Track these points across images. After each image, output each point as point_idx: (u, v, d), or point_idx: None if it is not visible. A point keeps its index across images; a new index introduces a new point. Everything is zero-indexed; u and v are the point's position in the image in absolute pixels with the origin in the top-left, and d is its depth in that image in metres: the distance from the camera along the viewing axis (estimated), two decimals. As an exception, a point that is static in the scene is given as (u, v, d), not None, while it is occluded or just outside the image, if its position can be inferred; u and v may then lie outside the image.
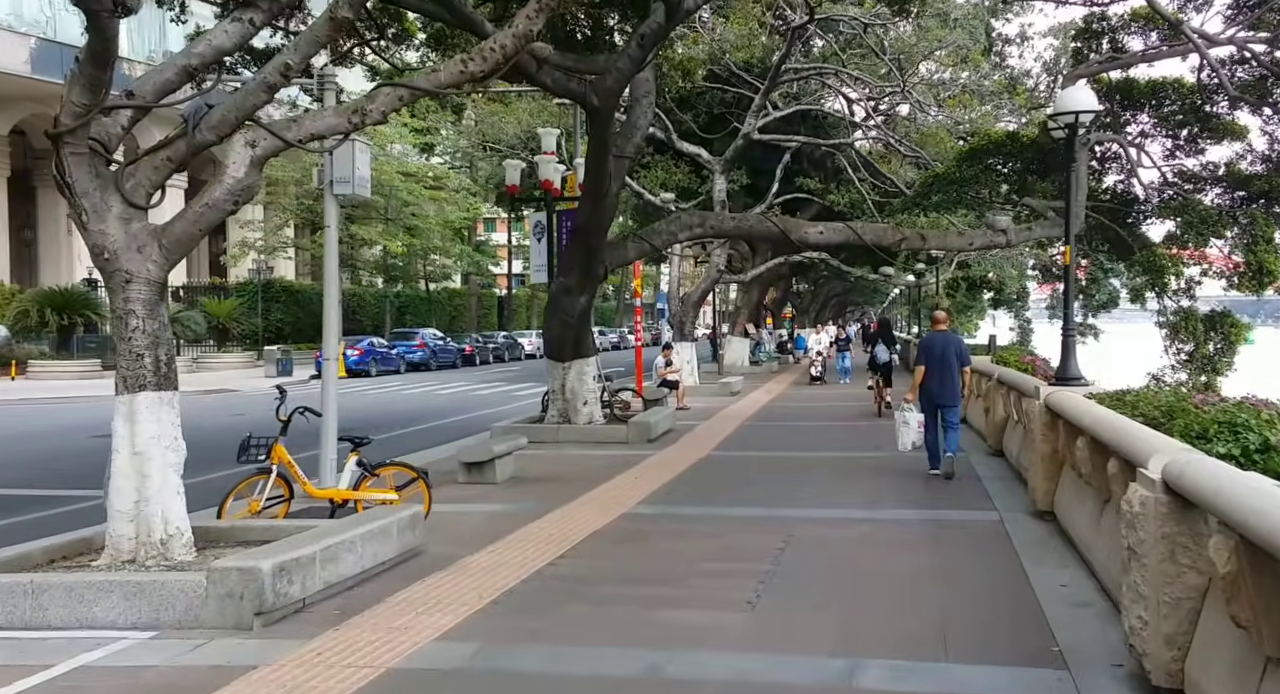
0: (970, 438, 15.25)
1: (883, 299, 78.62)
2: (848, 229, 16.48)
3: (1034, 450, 9.17)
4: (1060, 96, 9.08)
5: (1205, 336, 18.99)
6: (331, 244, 10.44)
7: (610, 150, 14.39)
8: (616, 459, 13.27)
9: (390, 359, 38.93)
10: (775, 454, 13.97)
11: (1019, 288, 37.17)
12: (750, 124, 24.80)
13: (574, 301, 15.17)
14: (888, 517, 9.27)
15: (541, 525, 8.86)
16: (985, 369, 15.40)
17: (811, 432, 17.03)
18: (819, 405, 22.08)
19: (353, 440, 8.35)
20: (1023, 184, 21.57)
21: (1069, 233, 9.86)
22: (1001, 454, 12.97)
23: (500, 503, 10.13)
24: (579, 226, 15.06)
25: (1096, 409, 7.10)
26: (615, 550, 7.96)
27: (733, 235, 17.72)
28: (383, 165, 40.85)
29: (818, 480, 11.52)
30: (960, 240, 17.19)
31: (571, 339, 15.46)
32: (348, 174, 10.17)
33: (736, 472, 12.30)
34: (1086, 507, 7.36)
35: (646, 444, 14.98)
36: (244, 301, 42.47)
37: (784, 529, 8.66)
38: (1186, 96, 19.36)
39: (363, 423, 19.90)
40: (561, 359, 15.64)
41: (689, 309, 26.12)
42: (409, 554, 7.38)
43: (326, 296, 10.56)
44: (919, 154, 25.14)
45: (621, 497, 10.35)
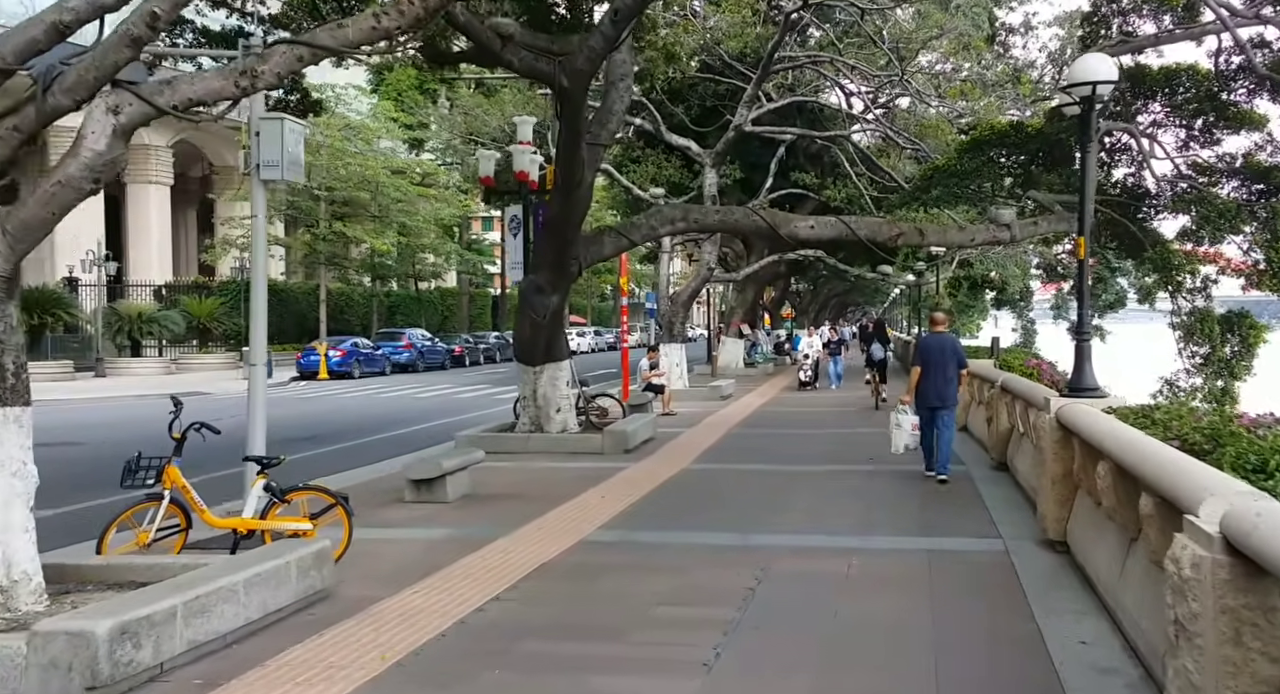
0: (972, 449, 14.16)
1: (883, 299, 77.46)
2: (840, 223, 15.38)
3: (1044, 471, 8.06)
4: (1075, 66, 8.01)
5: (1222, 338, 17.87)
6: (259, 236, 9.35)
7: (583, 136, 13.31)
8: (587, 473, 12.18)
9: (375, 360, 37.85)
10: (759, 467, 12.86)
11: (1022, 287, 35.92)
12: (742, 115, 23.69)
13: (545, 300, 14.08)
14: (878, 546, 8.17)
15: (483, 556, 7.77)
16: (988, 374, 14.29)
17: (801, 441, 15.93)
18: (810, 411, 20.98)
19: (260, 461, 7.24)
20: (1027, 177, 20.47)
21: (1083, 223, 8.76)
22: (1006, 468, 11.88)
23: (445, 526, 9.03)
24: (550, 219, 13.98)
25: (1122, 429, 5.99)
26: (559, 590, 6.86)
27: (716, 229, 16.64)
28: (368, 161, 39.76)
29: (803, 499, 10.42)
30: (961, 236, 16.10)
31: (543, 341, 14.37)
32: (276, 156, 9.07)
33: (714, 488, 11.20)
34: (1108, 542, 6.26)
35: (623, 455, 13.89)
36: (226, 301, 41.35)
37: (758, 562, 7.57)
38: (1202, 83, 18.25)
39: (328, 429, 18.84)
40: (532, 363, 14.55)
41: (678, 309, 25.00)
42: (313, 598, 6.28)
43: (253, 294, 9.47)
44: (918, 146, 24.02)
45: (582, 519, 9.26)
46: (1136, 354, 28.52)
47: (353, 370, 35.98)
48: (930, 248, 25.90)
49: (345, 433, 18.35)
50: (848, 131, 26.23)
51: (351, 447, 16.30)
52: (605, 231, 14.73)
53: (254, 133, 9.11)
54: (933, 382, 11.27)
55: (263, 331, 9.37)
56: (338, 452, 15.65)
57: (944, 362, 11.25)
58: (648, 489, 10.98)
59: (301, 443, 16.75)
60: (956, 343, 12.05)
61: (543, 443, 14.32)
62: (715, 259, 25.24)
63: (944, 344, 11.53)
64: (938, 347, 11.43)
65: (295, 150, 9.26)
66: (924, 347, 11.74)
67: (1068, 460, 7.66)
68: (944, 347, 11.44)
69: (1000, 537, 8.34)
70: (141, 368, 35.85)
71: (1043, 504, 8.07)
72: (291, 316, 44.62)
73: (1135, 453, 5.32)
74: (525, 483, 11.55)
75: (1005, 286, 34.75)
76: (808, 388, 26.20)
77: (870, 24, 24.62)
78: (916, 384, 11.39)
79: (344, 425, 19.76)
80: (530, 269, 14.48)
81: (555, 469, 12.66)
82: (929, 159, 22.10)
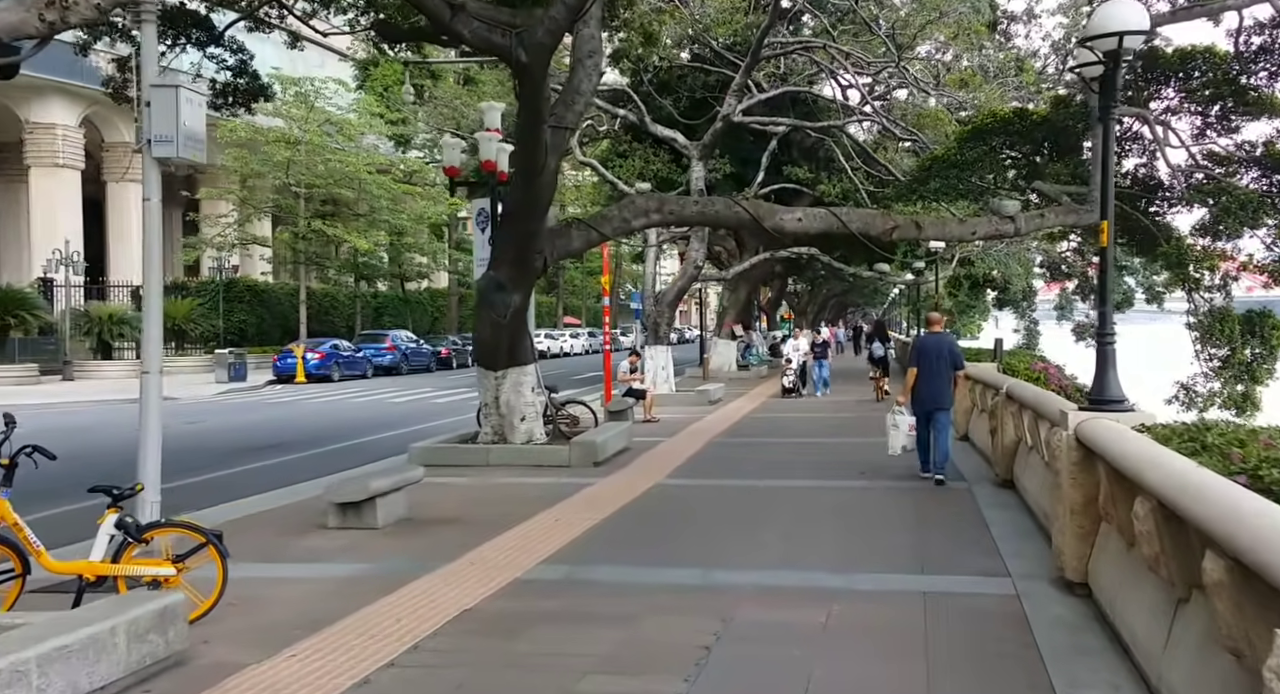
0: (974, 462, 12.91)
1: (882, 299, 76.30)
2: (830, 215, 14.14)
3: (1060, 497, 6.82)
4: (1097, 13, 6.76)
5: (1242, 339, 16.64)
6: (153, 225, 8.08)
7: (544, 119, 12.06)
8: (547, 490, 10.96)
9: (356, 363, 36.58)
10: (739, 483, 11.61)
11: (1025, 287, 34.52)
12: (731, 105, 22.44)
13: (505, 299, 12.83)
14: (864, 586, 6.93)
15: (395, 602, 6.53)
16: (991, 379, 13.05)
17: (788, 451, 14.69)
18: (800, 417, 19.73)
19: (109, 492, 5.98)
20: (1032, 168, 19.23)
21: (1106, 204, 7.50)
22: (1012, 485, 10.64)
23: (365, 560, 7.78)
24: (509, 210, 12.75)
25: (1168, 459, 4.75)
26: (472, 651, 5.62)
27: (696, 222, 15.38)
28: (348, 157, 38.54)
29: (782, 522, 9.17)
30: (961, 229, 14.84)
31: (505, 343, 13.13)
32: (170, 130, 7.82)
33: (683, 509, 9.95)
34: (1147, 597, 5.03)
35: (591, 468, 12.66)
36: (205, 302, 40.10)
37: (721, 608, 6.34)
38: (1219, 66, 17.02)
39: (287, 437, 17.60)
40: (494, 367, 13.31)
41: (664, 309, 23.73)
42: (154, 669, 5.04)
43: (146, 291, 8.22)
44: (916, 137, 22.77)
45: (526, 550, 8.02)
46: (1146, 357, 27.29)
47: (332, 373, 34.72)
48: (928, 243, 24.64)
49: (304, 441, 17.12)
50: (842, 122, 24.97)
51: (304, 458, 15.06)
52: (573, 224, 13.48)
53: (144, 103, 7.85)
54: (929, 382, 11.18)
55: (157, 334, 8.12)
56: (286, 463, 14.42)
57: (940, 362, 11.16)
58: (609, 511, 9.73)
59: (250, 453, 15.54)
60: (953, 343, 11.89)
61: (505, 455, 13.08)
62: (703, 256, 23.96)
63: (940, 344, 11.38)
64: (934, 347, 11.30)
65: (195, 124, 8.01)
66: (920, 347, 11.59)
67: (1090, 487, 6.42)
68: (940, 347, 11.31)
69: (1009, 574, 7.09)
70: (112, 371, 34.60)
71: (1059, 537, 6.82)
72: (274, 318, 43.40)
73: (1192, 493, 4.07)
74: (474, 503, 10.31)
75: (1007, 286, 33.36)
76: (792, 395, 24.12)
77: (866, 9, 23.41)
78: (913, 385, 11.31)
79: (306, 433, 18.52)
80: (490, 265, 13.23)
81: (513, 486, 11.42)
82: (928, 151, 20.85)
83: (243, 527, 9.01)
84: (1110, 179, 7.44)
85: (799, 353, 25.07)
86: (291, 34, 16.78)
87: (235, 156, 37.17)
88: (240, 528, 8.89)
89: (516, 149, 12.46)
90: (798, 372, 24.40)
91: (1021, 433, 10.21)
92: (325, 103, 39.20)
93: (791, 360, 24.63)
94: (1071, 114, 17.96)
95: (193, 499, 10.85)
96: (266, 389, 31.99)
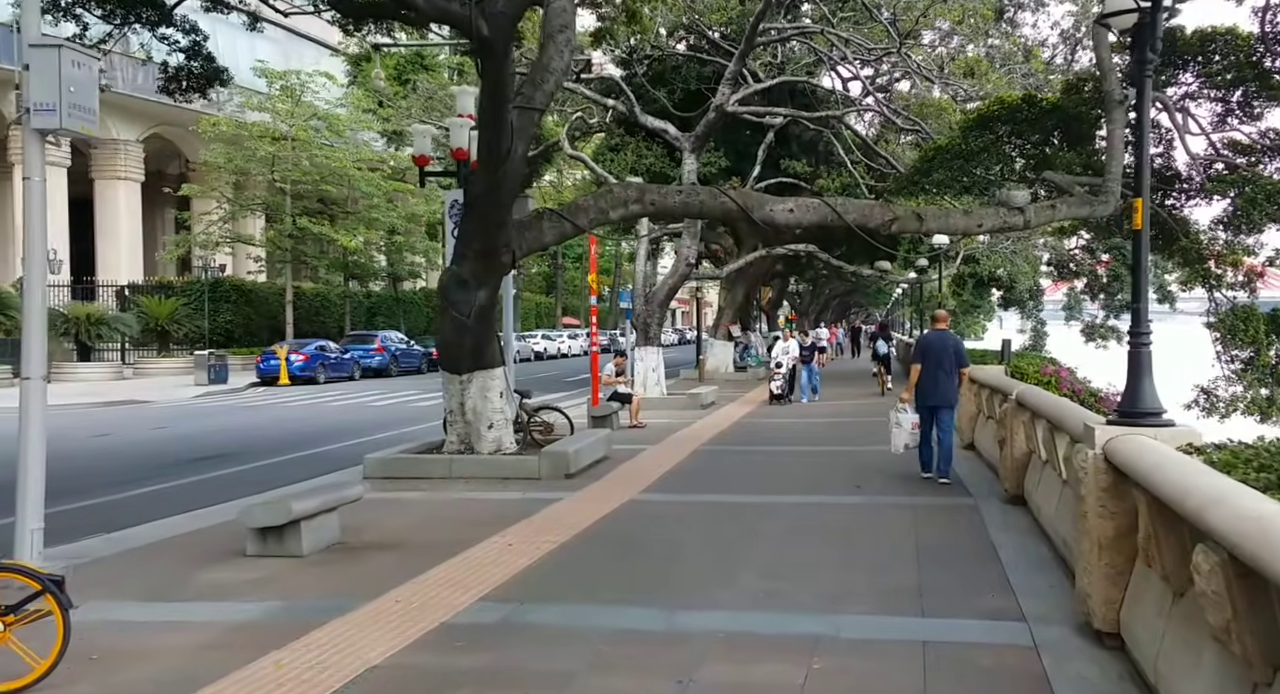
0: (980, 474, 11.82)
1: (885, 300, 75.25)
2: (824, 206, 13.05)
3: (1085, 529, 5.73)
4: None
5: (1267, 340, 15.52)
6: (35, 207, 7.00)
7: (509, 98, 11.01)
8: (509, 507, 9.90)
9: (342, 365, 35.50)
10: (720, 500, 10.52)
11: (1031, 285, 33.22)
12: (724, 94, 21.37)
13: (468, 296, 11.77)
14: (853, 633, 5.85)
15: (288, 656, 5.45)
16: (999, 383, 11.96)
17: (778, 461, 13.60)
18: (795, 423, 18.64)
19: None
20: (1041, 158, 18.14)
21: (1141, 180, 6.41)
22: (1022, 501, 9.56)
23: (275, 597, 6.71)
24: (472, 200, 11.67)
25: (1240, 496, 3.65)
26: (363, 726, 4.55)
27: (680, 213, 14.28)
28: (335, 153, 37.51)
29: (764, 548, 8.09)
30: (966, 221, 13.74)
31: (469, 345, 12.05)
32: (51, 97, 6.77)
33: (655, 532, 8.87)
34: (1205, 670, 3.94)
35: (562, 481, 11.60)
36: (190, 302, 39.05)
37: (681, 661, 5.28)
38: (1242, 48, 15.94)
39: (248, 445, 16.53)
40: (458, 371, 12.24)
41: (654, 309, 22.63)
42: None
43: (28, 286, 7.14)
44: (919, 127, 21.68)
45: (463, 584, 6.95)
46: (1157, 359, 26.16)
47: (317, 375, 33.66)
48: (931, 238, 23.50)
49: (266, 449, 16.06)
50: (842, 112, 23.87)
51: (260, 467, 14.01)
52: (544, 214, 12.40)
53: (22, 66, 6.79)
54: (933, 378, 11.12)
55: (39, 333, 7.02)
56: (238, 475, 13.36)
57: (944, 359, 11.11)
58: (572, 532, 8.66)
59: (204, 462, 14.48)
60: (958, 341, 11.87)
61: (470, 466, 12.01)
62: (694, 254, 22.85)
63: (945, 341, 11.33)
64: (938, 344, 11.27)
65: (83, 91, 6.95)
66: (924, 344, 11.58)
67: (1123, 519, 5.34)
68: (945, 344, 11.27)
69: (1024, 618, 6.01)
70: (90, 373, 33.58)
71: (1085, 577, 5.73)
72: (262, 318, 42.30)
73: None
74: (422, 523, 9.24)
75: (1013, 285, 32.14)
76: (780, 402, 22.16)
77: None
78: (916, 381, 11.21)
79: (271, 439, 17.47)
80: (454, 259, 12.16)
81: (471, 502, 10.35)
82: (931, 141, 19.76)
83: (149, 555, 7.96)
84: (1146, 148, 6.36)
85: (788, 356, 23.08)
86: (251, 15, 15.73)
87: (219, 152, 36.13)
88: (145, 556, 7.85)
89: (480, 133, 11.39)
90: (787, 377, 22.55)
91: (1034, 445, 9.12)
92: (314, 97, 38.19)
93: (781, 364, 22.61)
94: (1084, 100, 16.86)
95: (114, 517, 9.82)
96: (248, 391, 30.95)
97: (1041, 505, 8.48)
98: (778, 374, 22.38)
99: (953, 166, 18.06)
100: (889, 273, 30.54)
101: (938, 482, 11.01)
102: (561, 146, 25.97)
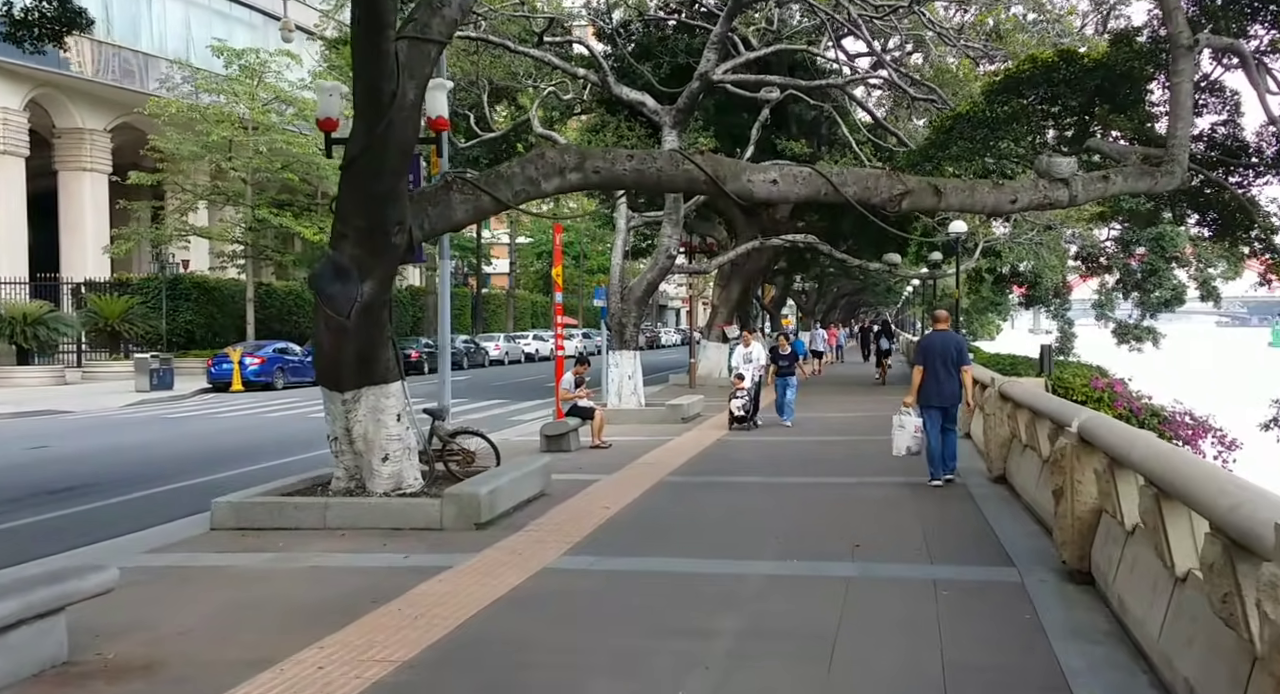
0: (1020, 523, 8.92)
1: (896, 299, 72.36)
2: (817, 176, 10.21)
3: None
4: None
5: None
6: None
7: (388, 23, 8.21)
8: (372, 582, 7.13)
9: (304, 369, 32.58)
10: (669, 568, 7.70)
11: (1058, 281, 29.83)
12: (709, 61, 18.52)
13: (348, 289, 8.96)
14: None
15: None
16: (1044, 406, 9.10)
17: (756, 504, 10.71)
18: (781, 443, 15.78)
19: None
20: (1080, 127, 15.30)
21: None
22: (1090, 580, 6.72)
23: None
24: (349, 162, 8.86)
25: None
26: None
27: (631, 184, 11.39)
28: (296, 139, 34.75)
29: (714, 666, 5.26)
30: (997, 196, 10.87)
31: (351, 353, 9.25)
32: None
33: (554, 639, 6.02)
34: None
35: (469, 533, 8.83)
36: (146, 300, 36.30)
37: None
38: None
39: (132, 470, 13.67)
40: (339, 387, 9.43)
41: (631, 307, 19.79)
42: None
43: None
44: (933, 96, 18.80)
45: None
46: (1203, 360, 23.28)
47: (275, 380, 30.90)
48: (949, 219, 20.57)
49: (142, 478, 13.28)
50: (845, 80, 20.98)
51: (114, 505, 11.24)
52: (453, 184, 9.55)
53: None
54: (936, 379, 11.02)
55: None
56: (74, 517, 10.61)
57: (947, 360, 11.05)
58: (426, 641, 5.82)
59: (35, 501, 11.61)
60: (960, 340, 11.96)
61: (351, 513, 9.20)
62: (676, 243, 19.98)
63: (947, 342, 11.26)
64: (940, 344, 11.17)
65: None
66: (926, 345, 11.45)
67: None
68: (947, 345, 11.19)
69: None
70: (28, 378, 30.86)
71: None
72: (228, 318, 39.48)
73: None
74: (217, 621, 6.39)
75: (1038, 280, 29.01)
76: (740, 427, 17.03)
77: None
78: (920, 385, 11.07)
79: (160, 464, 14.69)
80: (331, 239, 9.34)
81: (326, 573, 7.54)
82: (948, 110, 16.91)
83: None
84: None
85: (752, 365, 17.86)
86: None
87: (172, 138, 33.42)
88: None
89: (355, 71, 8.59)
90: (752, 392, 17.37)
91: (1114, 508, 6.25)
92: (277, 80, 35.47)
93: (744, 376, 17.43)
94: (1137, 53, 14.02)
95: None
96: (194, 398, 28.20)
97: (1134, 605, 5.62)
98: (740, 388, 17.24)
99: (974, 138, 15.24)
100: (898, 267, 27.61)
101: (944, 481, 10.93)
102: (532, 127, 23.16)
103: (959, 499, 10.40)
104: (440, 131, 12.32)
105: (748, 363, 17.91)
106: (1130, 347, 28.06)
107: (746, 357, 18.10)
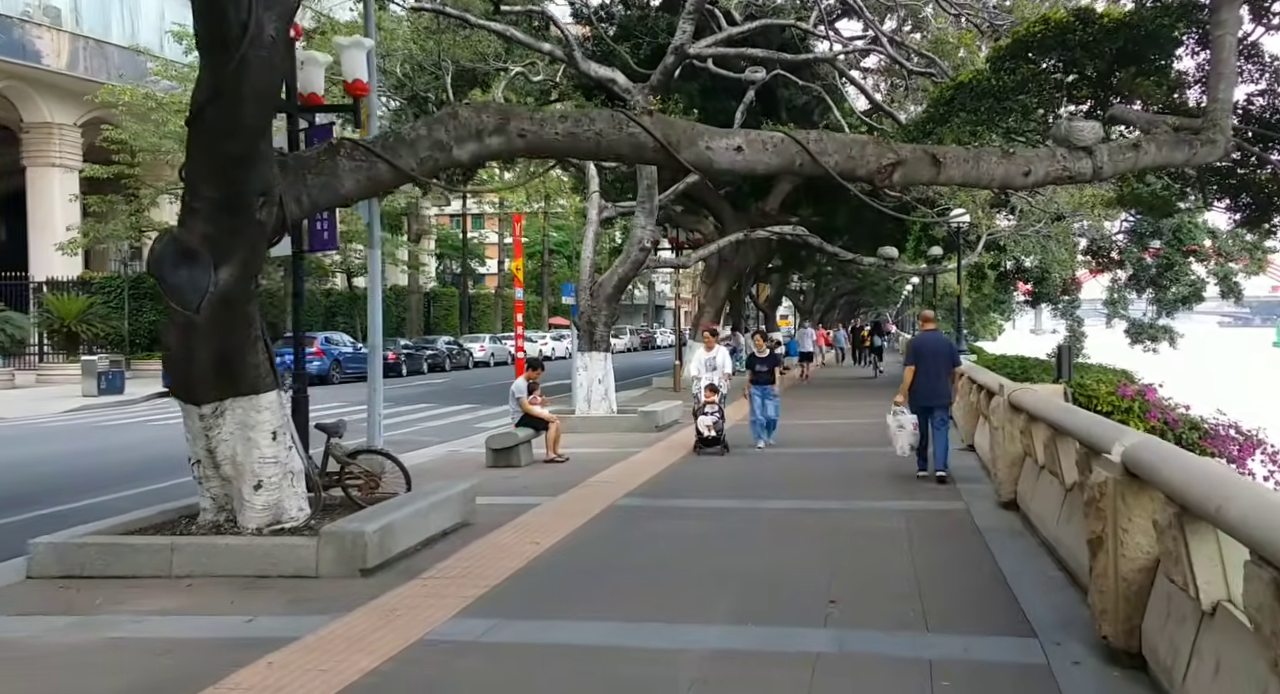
0: (1041, 570, 7.05)
1: (895, 298, 70.59)
2: (790, 142, 8.41)
3: None
4: None
5: None
6: None
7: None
8: (174, 665, 5.40)
9: (269, 371, 30.89)
10: (586, 637, 5.89)
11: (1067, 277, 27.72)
12: (684, 32, 16.75)
13: (197, 276, 7.16)
14: None
15: None
16: (1062, 420, 7.28)
17: (720, 537, 8.90)
18: (759, 461, 13.93)
19: None
20: (1098, 96, 13.52)
21: None
22: (1143, 665, 4.92)
23: None
24: (195, 113, 7.04)
25: None
26: None
27: (564, 151, 9.45)
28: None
29: None
30: (1007, 167, 9.06)
31: (207, 356, 7.45)
32: None
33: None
34: None
35: (352, 581, 7.06)
36: (108, 300, 34.55)
37: None
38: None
39: None
40: (195, 399, 7.65)
41: (601, 304, 17.99)
42: None
43: None
44: (933, 71, 17.00)
45: None
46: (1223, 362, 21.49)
47: (235, 384, 29.06)
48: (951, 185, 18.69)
49: (18, 499, 11.48)
50: (836, 53, 19.17)
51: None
52: (340, 147, 7.78)
53: None
54: (927, 379, 11.19)
55: None
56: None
57: (937, 360, 11.24)
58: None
59: None
60: (950, 342, 12.39)
61: (202, 556, 7.41)
62: (651, 235, 18.12)
63: (937, 342, 11.57)
64: (931, 345, 11.40)
65: None
66: (917, 345, 11.65)
67: None
68: (937, 345, 11.46)
69: None
70: (-28, 382, 29.14)
71: None
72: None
73: None
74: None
75: (1045, 276, 27.01)
76: (707, 450, 13.84)
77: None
78: (911, 384, 11.27)
79: (54, 479, 12.93)
80: (180, 216, 7.52)
81: (112, 654, 5.72)
82: (949, 79, 15.13)
83: None
84: None
85: (715, 373, 14.55)
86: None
87: (128, 129, 31.64)
88: None
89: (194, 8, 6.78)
90: (720, 409, 14.08)
91: (1184, 576, 4.44)
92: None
93: (717, 387, 14.31)
94: (1166, 8, 12.23)
95: None
96: (144, 404, 26.44)
97: (1177, 666, 3.82)
98: (711, 400, 14.05)
99: (978, 110, 13.44)
100: (895, 261, 25.75)
101: (935, 478, 10.89)
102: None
103: (962, 532, 8.61)
104: (359, 97, 10.64)
105: (711, 370, 14.60)
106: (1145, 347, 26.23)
107: (710, 363, 14.76)
